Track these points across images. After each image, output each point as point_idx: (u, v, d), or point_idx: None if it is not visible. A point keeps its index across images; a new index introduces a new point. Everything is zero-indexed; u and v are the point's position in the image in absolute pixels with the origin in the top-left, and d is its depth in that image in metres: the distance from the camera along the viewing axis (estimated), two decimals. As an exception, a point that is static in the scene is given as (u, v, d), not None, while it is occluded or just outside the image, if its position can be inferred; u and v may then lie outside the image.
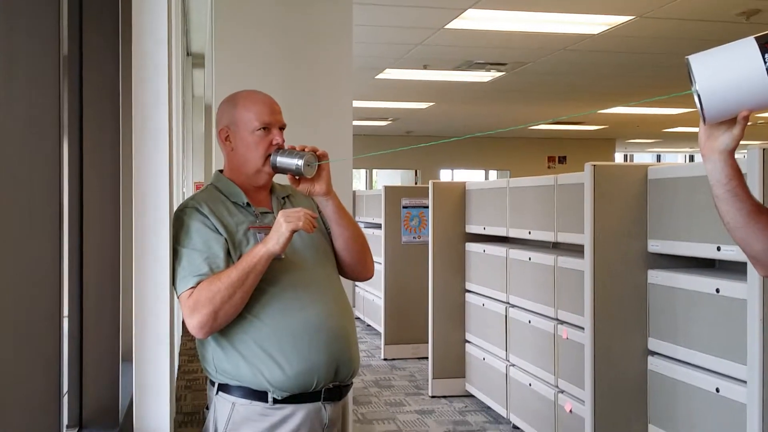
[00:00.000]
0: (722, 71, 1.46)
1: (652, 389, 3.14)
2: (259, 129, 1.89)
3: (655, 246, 3.12)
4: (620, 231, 3.19)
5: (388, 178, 15.44)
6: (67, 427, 1.69)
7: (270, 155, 1.89)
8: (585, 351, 3.25)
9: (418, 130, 12.99)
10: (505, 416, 4.60)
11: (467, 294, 5.25)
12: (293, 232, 1.74)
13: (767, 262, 1.60)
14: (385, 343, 6.60)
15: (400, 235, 6.66)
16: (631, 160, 17.96)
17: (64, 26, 1.44)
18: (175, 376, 2.41)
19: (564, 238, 3.88)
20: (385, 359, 6.50)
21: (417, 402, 5.18)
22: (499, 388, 4.67)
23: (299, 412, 1.80)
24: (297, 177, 1.90)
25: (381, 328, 6.73)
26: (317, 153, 1.89)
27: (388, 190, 6.79)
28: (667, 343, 3.03)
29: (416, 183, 14.27)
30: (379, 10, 5.09)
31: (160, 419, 1.77)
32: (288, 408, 1.79)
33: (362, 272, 2.03)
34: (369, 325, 7.84)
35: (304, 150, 1.87)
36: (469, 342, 5.23)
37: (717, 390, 2.70)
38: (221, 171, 2.01)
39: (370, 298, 7.70)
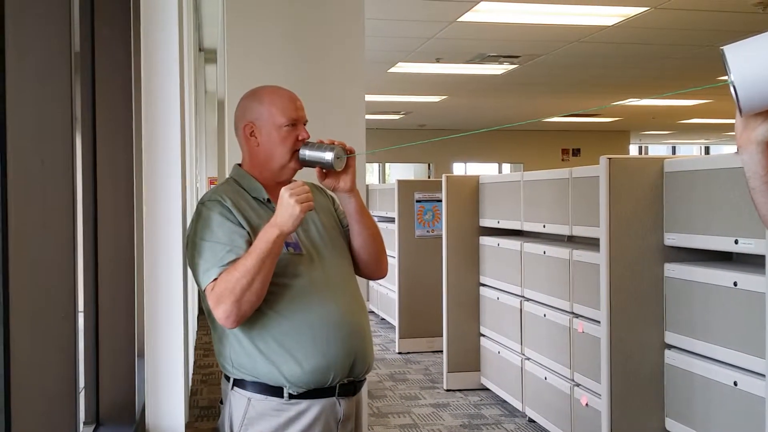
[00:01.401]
0: (758, 61, 1.44)
1: (669, 383, 3.12)
2: (287, 125, 1.88)
3: (672, 239, 3.09)
4: (636, 224, 3.16)
5: (401, 171, 15.42)
6: (84, 423, 1.70)
7: (297, 150, 1.88)
8: (601, 344, 3.23)
9: (431, 123, 12.96)
10: (520, 409, 4.59)
11: (481, 288, 5.23)
12: (305, 213, 1.72)
13: None
14: (400, 337, 6.59)
15: (413, 229, 6.65)
16: (646, 151, 17.85)
17: (76, 22, 1.43)
18: (191, 370, 2.41)
19: (579, 231, 3.85)
20: (399, 353, 6.49)
21: (432, 395, 5.17)
22: (515, 381, 4.65)
23: (314, 407, 1.80)
24: (324, 171, 1.89)
25: (395, 322, 6.73)
26: (345, 147, 1.88)
27: (401, 183, 6.77)
28: (685, 336, 3.01)
29: (429, 176, 14.24)
30: (391, 4, 5.07)
31: (175, 415, 1.77)
32: (303, 403, 1.79)
33: (377, 271, 2.03)
34: (383, 319, 7.84)
35: (333, 143, 1.86)
36: (483, 335, 5.22)
37: (735, 384, 2.67)
38: (240, 165, 2.00)
39: (383, 291, 7.70)
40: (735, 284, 2.68)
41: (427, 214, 6.66)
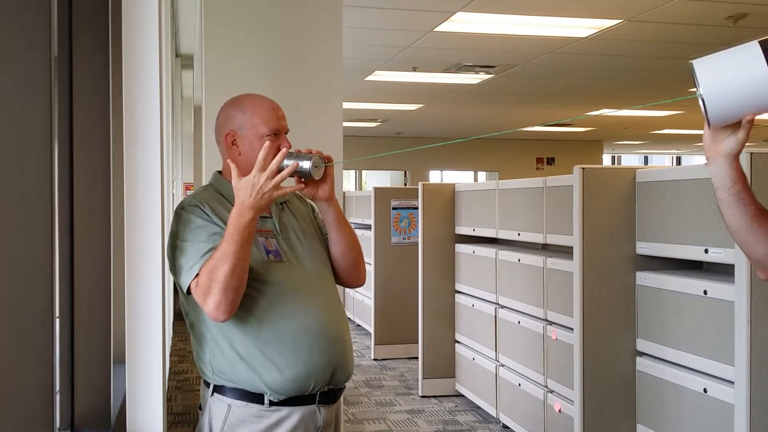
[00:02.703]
0: (726, 75, 1.47)
1: (641, 389, 3.16)
2: (269, 135, 1.89)
3: (644, 248, 3.15)
4: (609, 233, 3.21)
5: (377, 179, 15.45)
6: (60, 429, 1.69)
7: None
8: (574, 352, 3.27)
9: (408, 131, 13.01)
10: (494, 416, 4.62)
11: (457, 295, 5.27)
12: (256, 209, 1.73)
13: None
14: (375, 344, 6.61)
15: (389, 236, 6.67)
16: (619, 161, 18.06)
17: (55, 27, 1.44)
18: (167, 376, 2.41)
19: (553, 239, 3.90)
20: (375, 359, 6.51)
21: (407, 402, 5.19)
22: (489, 387, 4.68)
23: (295, 415, 1.81)
24: (303, 180, 1.91)
25: (371, 329, 6.74)
26: (323, 156, 1.90)
27: (378, 191, 6.80)
28: (656, 344, 3.06)
29: (405, 184, 14.28)
30: (368, 13, 5.10)
31: (153, 421, 1.77)
32: (284, 410, 1.80)
33: (355, 279, 2.04)
34: (359, 326, 7.85)
35: (311, 153, 1.88)
36: (458, 342, 5.25)
37: (705, 390, 2.73)
38: (220, 172, 2.00)
39: (359, 298, 7.71)
40: (705, 293, 2.74)
41: (403, 221, 6.69)
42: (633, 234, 3.20)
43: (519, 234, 4.32)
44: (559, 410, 3.75)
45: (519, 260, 4.27)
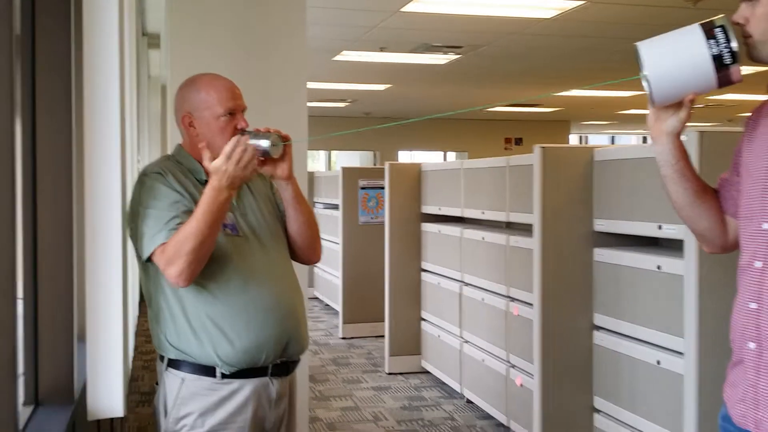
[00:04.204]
0: (669, 57, 1.54)
1: (598, 363, 3.26)
2: (224, 115, 1.91)
3: (601, 225, 3.23)
4: (568, 211, 3.29)
5: (347, 159, 15.45)
6: (24, 404, 1.72)
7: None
8: (533, 327, 3.36)
9: (377, 111, 13.02)
10: (459, 391, 4.71)
11: (423, 273, 5.34)
12: (232, 187, 1.78)
13: (712, 240, 1.69)
14: (344, 322, 6.67)
15: (357, 216, 6.72)
16: (587, 141, 18.25)
17: (17, 5, 1.45)
18: (131, 355, 2.44)
19: (516, 218, 3.98)
20: (343, 338, 6.57)
21: (374, 379, 5.27)
22: (454, 364, 4.77)
23: (247, 387, 1.86)
24: (262, 158, 1.94)
25: (339, 308, 6.80)
26: (281, 135, 1.93)
27: (346, 171, 6.83)
28: (612, 318, 3.15)
29: (375, 164, 14.30)
30: (335, -8, 5.10)
31: (115, 396, 1.81)
32: (236, 383, 1.84)
33: (311, 256, 2.09)
34: (327, 305, 7.90)
35: (269, 131, 1.91)
36: (424, 320, 5.33)
37: (658, 362, 2.82)
38: (182, 145, 2.03)
39: (328, 278, 7.76)
40: (659, 267, 2.83)
41: (371, 201, 6.73)
42: (591, 212, 3.28)
43: (483, 213, 4.40)
44: (521, 384, 3.84)
45: (483, 238, 4.34)
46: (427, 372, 5.27)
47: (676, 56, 1.53)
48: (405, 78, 9.02)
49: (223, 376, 1.84)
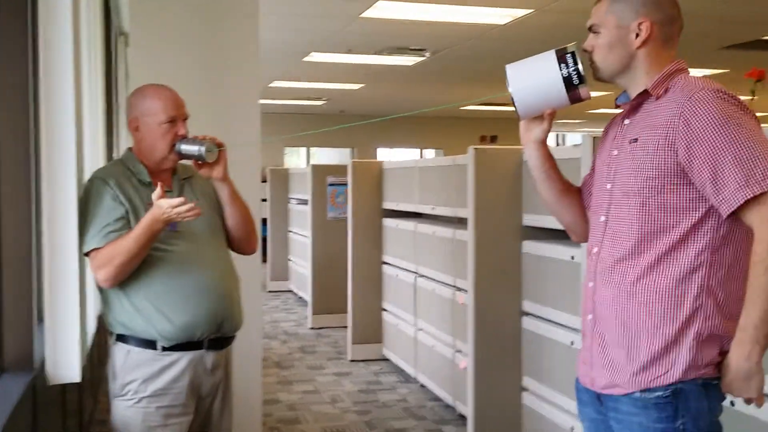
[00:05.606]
0: (529, 78, 1.86)
1: (526, 345, 3.58)
2: (166, 122, 2.19)
3: (529, 220, 3.54)
4: (499, 206, 3.60)
5: (325, 156, 15.73)
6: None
7: (175, 144, 2.21)
8: (467, 312, 3.67)
9: (351, 109, 13.29)
10: (413, 376, 5.02)
11: (384, 266, 5.64)
12: (167, 222, 2.06)
13: (575, 230, 2.01)
14: (313, 313, 6.95)
15: (326, 211, 7.00)
16: (564, 140, 18.60)
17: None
18: (91, 332, 2.74)
19: (461, 213, 4.28)
20: (312, 328, 6.86)
21: (336, 365, 5.56)
22: (409, 350, 5.08)
23: (184, 358, 2.15)
24: (199, 162, 2.23)
25: (309, 299, 7.08)
26: (216, 141, 2.22)
27: (315, 168, 7.12)
28: (537, 304, 3.46)
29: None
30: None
31: (72, 365, 2.08)
32: (174, 354, 2.14)
33: (247, 247, 2.40)
34: (301, 297, 8.18)
35: (205, 138, 2.20)
36: (385, 310, 5.63)
37: (572, 343, 3.13)
38: (131, 149, 2.31)
39: (301, 270, 8.03)
40: (572, 258, 3.14)
41: (339, 197, 7.01)
42: (520, 207, 3.59)
43: (433, 208, 4.70)
44: (464, 368, 4.15)
45: (434, 233, 4.64)
46: (387, 359, 5.57)
47: (534, 77, 1.83)
48: (376, 78, 9.30)
49: (164, 348, 2.13)
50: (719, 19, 5.94)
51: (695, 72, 9.39)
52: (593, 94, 2.14)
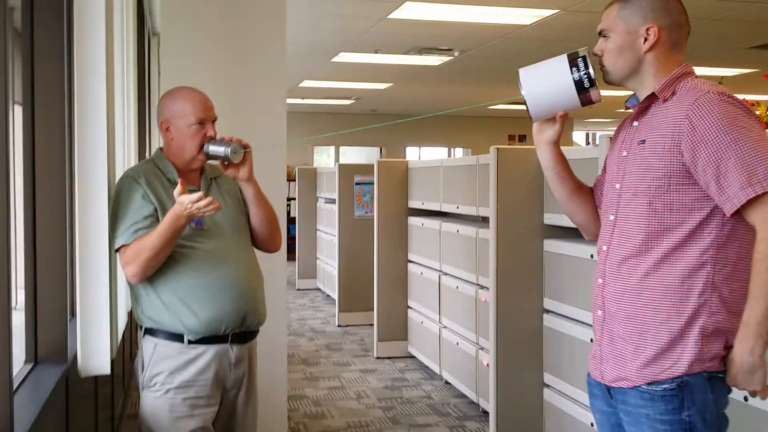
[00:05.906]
0: (542, 81, 1.91)
1: (546, 342, 3.61)
2: (195, 124, 2.28)
3: (550, 218, 3.58)
4: (521, 205, 3.64)
5: (355, 156, 15.82)
6: (25, 362, 2.12)
7: (203, 144, 2.30)
8: (489, 310, 3.71)
9: (382, 108, 13.35)
10: (438, 373, 5.08)
11: (409, 264, 5.70)
12: (189, 218, 2.12)
13: (588, 229, 2.06)
14: (340, 311, 7.04)
15: (353, 210, 7.08)
16: (594, 138, 18.47)
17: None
18: (122, 327, 2.85)
19: (483, 212, 4.33)
20: (339, 326, 6.95)
21: (362, 362, 5.64)
22: (434, 348, 5.14)
23: (210, 351, 2.23)
24: (226, 162, 2.31)
25: (336, 297, 7.16)
26: (242, 143, 2.30)
27: (342, 167, 7.20)
28: (558, 302, 3.50)
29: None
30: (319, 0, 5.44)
31: (102, 359, 2.19)
32: (200, 347, 2.22)
33: (269, 246, 2.48)
34: (329, 296, 8.28)
35: (231, 140, 2.28)
36: (410, 308, 5.69)
37: (592, 340, 3.16)
38: (161, 149, 2.40)
39: (329, 270, 8.13)
40: (591, 256, 3.17)
41: (366, 196, 7.08)
42: (542, 206, 3.63)
43: (458, 207, 4.75)
44: (487, 365, 4.20)
45: (458, 231, 4.69)
46: (413, 356, 5.63)
47: (546, 80, 1.88)
48: (404, 78, 9.35)
49: (190, 342, 2.21)
50: (745, 21, 5.92)
51: (723, 72, 9.27)
52: (622, 94, 2.18)
